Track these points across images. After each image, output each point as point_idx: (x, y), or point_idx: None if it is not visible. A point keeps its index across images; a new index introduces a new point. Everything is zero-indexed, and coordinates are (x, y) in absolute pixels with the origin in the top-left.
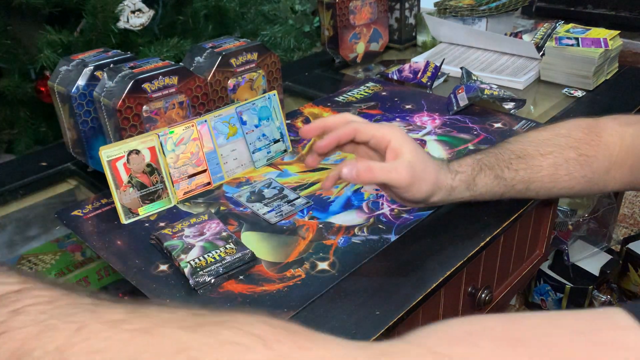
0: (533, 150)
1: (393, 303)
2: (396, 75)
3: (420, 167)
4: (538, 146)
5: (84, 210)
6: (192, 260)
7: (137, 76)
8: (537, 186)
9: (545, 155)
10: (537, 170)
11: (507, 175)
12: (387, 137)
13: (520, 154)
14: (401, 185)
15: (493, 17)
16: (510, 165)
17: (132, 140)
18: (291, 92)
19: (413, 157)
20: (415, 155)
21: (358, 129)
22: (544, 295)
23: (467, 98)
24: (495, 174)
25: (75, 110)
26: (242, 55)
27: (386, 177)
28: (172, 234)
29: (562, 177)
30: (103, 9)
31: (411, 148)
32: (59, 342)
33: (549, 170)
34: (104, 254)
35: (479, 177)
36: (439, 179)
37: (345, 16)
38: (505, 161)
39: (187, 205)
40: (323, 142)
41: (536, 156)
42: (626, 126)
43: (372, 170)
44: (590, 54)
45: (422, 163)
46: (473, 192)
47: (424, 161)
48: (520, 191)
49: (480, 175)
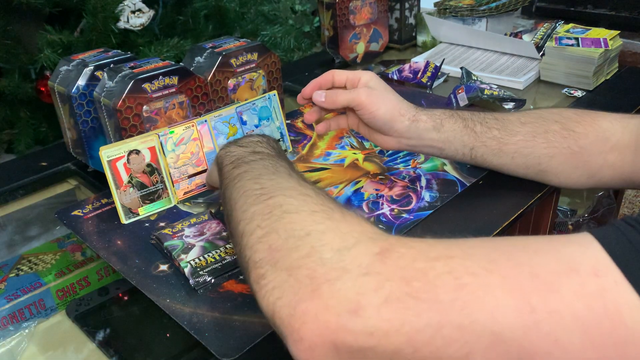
0: (514, 117)
1: None
2: (396, 75)
3: (381, 93)
4: (520, 116)
5: (84, 210)
6: (192, 260)
7: (137, 76)
8: (511, 149)
9: (525, 123)
10: (512, 134)
11: (479, 130)
12: (358, 75)
13: (498, 117)
14: (359, 103)
15: (493, 17)
16: (484, 122)
17: (132, 140)
18: (291, 92)
19: (374, 84)
20: (377, 84)
21: (335, 72)
22: None
23: (467, 98)
24: (466, 124)
25: (75, 110)
26: (242, 55)
27: (346, 96)
28: (172, 234)
29: (540, 145)
30: (103, 9)
31: (377, 81)
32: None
33: (526, 137)
34: (104, 254)
35: (447, 121)
36: (400, 105)
37: (345, 16)
38: (480, 117)
39: (187, 205)
40: (307, 89)
41: (514, 122)
42: (629, 118)
43: (337, 93)
44: (590, 54)
45: (383, 90)
46: (441, 134)
47: (385, 90)
48: (493, 150)
49: (450, 120)
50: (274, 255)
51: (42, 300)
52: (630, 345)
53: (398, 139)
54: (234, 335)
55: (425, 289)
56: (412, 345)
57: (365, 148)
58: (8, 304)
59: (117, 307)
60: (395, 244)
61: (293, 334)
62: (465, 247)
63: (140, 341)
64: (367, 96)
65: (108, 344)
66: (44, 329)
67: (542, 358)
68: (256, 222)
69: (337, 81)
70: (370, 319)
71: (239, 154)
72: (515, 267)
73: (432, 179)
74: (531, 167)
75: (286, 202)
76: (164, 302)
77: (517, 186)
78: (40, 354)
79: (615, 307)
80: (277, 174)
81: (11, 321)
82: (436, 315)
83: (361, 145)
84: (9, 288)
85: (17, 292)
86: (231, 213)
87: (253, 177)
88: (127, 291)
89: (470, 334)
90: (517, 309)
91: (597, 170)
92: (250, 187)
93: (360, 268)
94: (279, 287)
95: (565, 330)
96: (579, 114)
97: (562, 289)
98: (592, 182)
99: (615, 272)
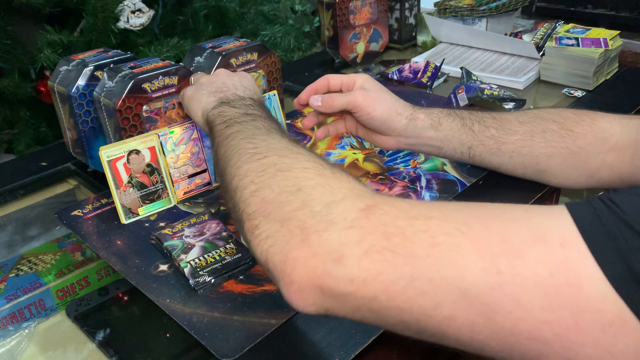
0: (512, 117)
1: None
2: (396, 75)
3: (376, 93)
4: (518, 115)
5: (84, 210)
6: (192, 260)
7: (137, 76)
8: (509, 148)
9: (524, 122)
10: (510, 133)
11: (477, 129)
12: (353, 78)
13: (496, 117)
14: (355, 106)
15: (493, 17)
16: (482, 121)
17: (132, 140)
18: (291, 92)
19: (370, 86)
20: (372, 85)
21: (329, 77)
22: None
23: (467, 98)
24: (464, 123)
25: (75, 110)
26: (242, 55)
27: (343, 100)
28: (172, 233)
29: (538, 144)
30: (103, 9)
31: (372, 83)
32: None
33: (524, 136)
34: (104, 254)
35: (445, 119)
36: (397, 105)
37: (345, 16)
38: (478, 117)
39: (187, 205)
40: (302, 95)
41: (512, 121)
42: (628, 119)
43: (333, 97)
44: (590, 54)
45: (379, 91)
46: (439, 132)
47: (381, 90)
48: (491, 149)
49: (448, 118)
50: (267, 208)
51: (42, 300)
52: (586, 313)
53: (397, 138)
54: (234, 335)
55: (402, 245)
56: (387, 294)
57: (365, 148)
58: (8, 304)
59: (117, 307)
60: (380, 202)
61: (284, 277)
62: (445, 210)
63: (140, 341)
64: (364, 98)
65: (108, 344)
66: (44, 329)
67: (503, 316)
68: (250, 178)
69: (332, 85)
70: (352, 268)
71: (232, 115)
72: (487, 232)
73: (432, 179)
74: (529, 166)
75: (279, 162)
76: (164, 302)
77: (517, 186)
78: (40, 354)
79: (575, 277)
80: (270, 135)
81: (11, 321)
82: (410, 268)
83: (361, 145)
84: (9, 288)
85: (17, 292)
86: (225, 169)
87: (247, 136)
88: (127, 291)
89: (440, 287)
90: (485, 269)
91: (595, 171)
92: (244, 145)
93: (345, 221)
94: (272, 237)
95: (527, 293)
96: (577, 114)
97: (529, 256)
98: (591, 183)
99: (581, 244)
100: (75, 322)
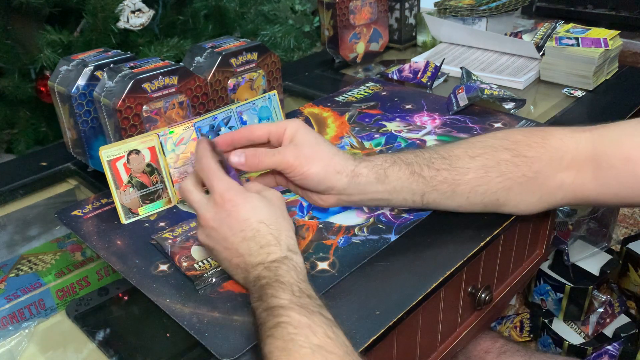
0: (461, 152)
1: (393, 303)
2: (396, 75)
3: (310, 149)
4: (467, 148)
5: (84, 210)
6: (196, 263)
7: (137, 76)
8: (464, 189)
9: (475, 157)
10: (463, 172)
11: (427, 174)
12: (282, 127)
13: (444, 155)
14: (287, 167)
15: (493, 17)
16: (431, 164)
17: (132, 140)
18: (291, 92)
19: (302, 138)
20: (304, 137)
21: (253, 127)
22: (544, 295)
23: (467, 98)
24: (412, 170)
25: (75, 110)
26: (242, 55)
27: (271, 160)
28: (172, 237)
29: (494, 180)
30: (103, 9)
31: (305, 134)
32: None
33: (478, 173)
34: (104, 254)
35: (391, 170)
36: (335, 161)
37: (345, 16)
38: (425, 159)
39: (187, 205)
40: (219, 140)
41: (463, 157)
42: (580, 132)
43: (258, 154)
44: (590, 54)
45: (314, 145)
46: (386, 185)
47: (316, 144)
48: (445, 193)
49: (394, 167)
50: None
51: (42, 300)
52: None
53: (337, 197)
54: (234, 335)
55: None
56: None
57: (365, 148)
58: (8, 304)
59: (117, 307)
60: None
61: None
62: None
63: (140, 341)
64: (295, 157)
65: (108, 344)
66: (44, 329)
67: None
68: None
69: (257, 138)
70: None
71: (273, 293)
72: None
73: None
74: (489, 204)
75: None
76: (164, 302)
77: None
78: (40, 354)
79: None
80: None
81: (11, 321)
82: None
83: (361, 145)
84: (9, 288)
85: (17, 292)
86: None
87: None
88: (127, 291)
89: None
90: None
91: (555, 191)
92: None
93: None
94: None
95: None
96: (527, 135)
97: None
98: (553, 203)
99: None
100: (75, 322)
